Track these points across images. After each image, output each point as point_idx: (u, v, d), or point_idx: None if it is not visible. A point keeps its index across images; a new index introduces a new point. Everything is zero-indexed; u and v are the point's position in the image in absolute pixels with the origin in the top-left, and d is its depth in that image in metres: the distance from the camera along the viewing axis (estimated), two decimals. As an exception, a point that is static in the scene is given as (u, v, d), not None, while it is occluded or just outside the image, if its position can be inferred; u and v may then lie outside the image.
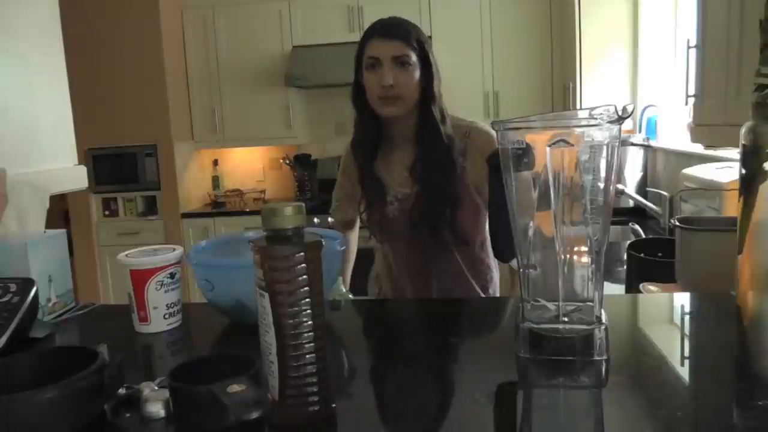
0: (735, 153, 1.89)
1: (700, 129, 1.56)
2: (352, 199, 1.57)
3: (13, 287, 1.00)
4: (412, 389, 0.82)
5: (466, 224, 1.44)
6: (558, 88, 3.86)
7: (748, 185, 0.77)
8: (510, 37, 3.89)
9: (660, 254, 1.77)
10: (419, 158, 1.42)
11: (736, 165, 0.83)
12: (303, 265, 0.66)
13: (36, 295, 1.01)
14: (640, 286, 1.54)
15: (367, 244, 1.70)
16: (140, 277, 1.03)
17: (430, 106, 1.40)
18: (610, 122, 0.77)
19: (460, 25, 3.90)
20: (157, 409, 0.71)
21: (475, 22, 3.89)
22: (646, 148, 3.15)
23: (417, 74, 1.38)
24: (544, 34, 3.87)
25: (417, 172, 1.42)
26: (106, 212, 4.10)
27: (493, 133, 1.41)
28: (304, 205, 0.69)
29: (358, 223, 1.68)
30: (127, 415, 0.73)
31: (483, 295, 1.51)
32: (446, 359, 0.92)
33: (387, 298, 1.55)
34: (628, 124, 3.14)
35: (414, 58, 1.37)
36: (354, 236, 1.73)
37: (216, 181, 4.47)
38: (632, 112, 0.79)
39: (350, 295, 1.52)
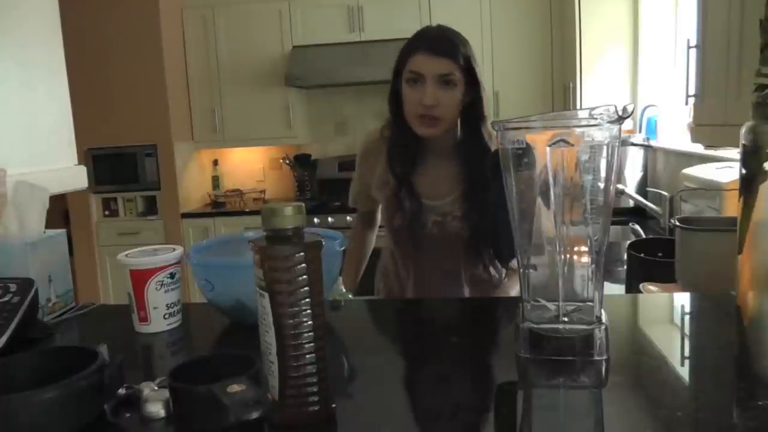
0: (735, 153, 1.89)
1: (700, 129, 1.56)
2: (371, 192, 1.49)
3: (13, 287, 1.00)
4: (411, 389, 0.82)
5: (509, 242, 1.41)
6: (558, 88, 3.86)
7: (748, 185, 0.78)
8: (510, 36, 3.89)
9: (660, 254, 1.77)
10: (467, 178, 1.35)
11: (736, 165, 0.83)
12: (303, 265, 0.66)
13: (36, 295, 1.01)
14: (640, 286, 1.54)
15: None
16: (140, 277, 1.03)
17: (479, 126, 1.34)
18: (610, 122, 0.77)
19: (459, 25, 3.79)
20: (157, 409, 0.71)
21: (475, 22, 3.88)
22: (646, 148, 3.14)
23: (460, 94, 1.32)
24: (544, 34, 3.87)
25: (466, 191, 1.35)
26: (106, 212, 4.10)
27: None
28: (304, 205, 0.69)
29: (378, 221, 1.63)
30: (127, 415, 0.73)
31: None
32: (446, 359, 0.92)
33: (387, 299, 1.55)
34: (628, 124, 3.14)
35: (459, 75, 1.30)
36: (373, 235, 1.67)
37: (216, 181, 4.47)
38: (632, 112, 0.79)
39: (350, 295, 1.52)
